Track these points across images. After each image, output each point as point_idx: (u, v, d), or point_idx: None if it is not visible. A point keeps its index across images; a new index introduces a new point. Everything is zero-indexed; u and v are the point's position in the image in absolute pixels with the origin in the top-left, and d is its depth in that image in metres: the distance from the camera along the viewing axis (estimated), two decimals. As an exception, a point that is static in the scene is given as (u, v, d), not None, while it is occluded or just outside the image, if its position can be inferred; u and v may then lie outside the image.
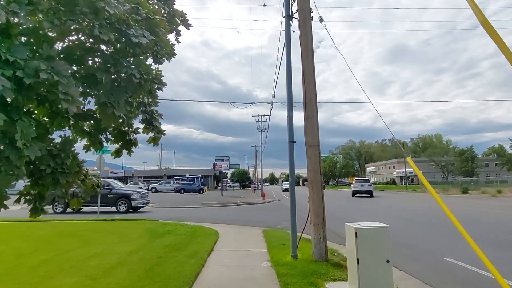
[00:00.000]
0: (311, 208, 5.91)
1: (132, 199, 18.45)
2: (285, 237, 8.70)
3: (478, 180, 50.76)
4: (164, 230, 9.92)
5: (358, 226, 3.97)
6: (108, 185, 18.99)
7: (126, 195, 18.66)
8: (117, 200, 18.50)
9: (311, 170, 5.97)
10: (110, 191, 18.65)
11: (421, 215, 15.67)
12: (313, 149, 6.02)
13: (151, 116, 3.85)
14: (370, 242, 3.87)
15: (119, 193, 18.77)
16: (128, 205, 18.40)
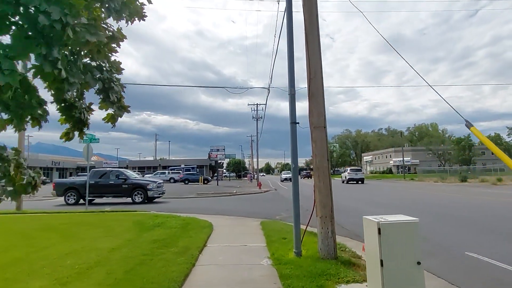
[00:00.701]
0: (317, 199, 5.16)
1: (148, 189, 17.63)
2: (286, 230, 7.98)
3: (475, 168, 50.48)
4: (154, 223, 9.16)
5: (381, 221, 3.22)
6: (122, 175, 18.15)
7: (142, 185, 17.82)
8: (132, 190, 17.68)
9: (317, 155, 5.19)
10: (125, 181, 17.82)
11: (430, 205, 15.06)
12: (319, 131, 5.24)
13: (109, 85, 2.88)
14: (397, 240, 3.13)
15: (134, 183, 17.92)
16: (144, 196, 17.60)
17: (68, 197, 17.79)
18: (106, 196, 18.02)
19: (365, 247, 3.61)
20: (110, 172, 18.76)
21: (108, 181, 17.94)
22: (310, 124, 5.36)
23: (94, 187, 17.65)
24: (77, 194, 17.79)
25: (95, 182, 17.76)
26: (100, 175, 18.42)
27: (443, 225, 9.48)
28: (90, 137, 14.87)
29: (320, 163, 5.17)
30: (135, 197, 17.64)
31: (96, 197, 18.15)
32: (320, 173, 5.15)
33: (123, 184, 17.74)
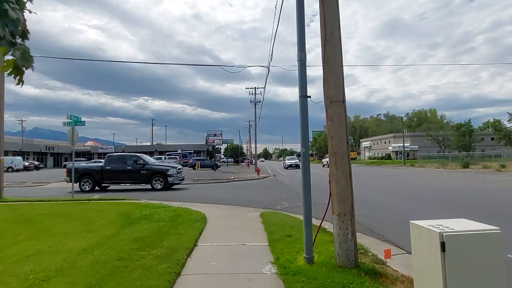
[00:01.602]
0: (333, 191, 4.12)
1: (168, 175, 16.61)
2: (290, 224, 6.99)
3: (473, 154, 49.73)
4: (141, 215, 8.15)
5: (445, 231, 2.18)
6: (140, 160, 17.00)
7: (162, 170, 16.78)
8: (151, 176, 16.64)
9: (333, 137, 4.12)
10: (143, 167, 16.74)
11: (460, 197, 14.13)
12: (337, 106, 4.16)
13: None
14: (472, 261, 2.10)
15: (153, 168, 16.87)
16: (164, 182, 16.60)
17: (83, 184, 16.76)
18: (124, 183, 16.95)
19: (414, 264, 2.58)
20: (128, 157, 17.60)
21: (126, 166, 16.87)
22: (324, 98, 4.27)
23: (110, 173, 16.64)
24: (92, 180, 16.73)
25: (112, 168, 16.73)
26: (117, 160, 17.30)
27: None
28: (75, 119, 13.70)
29: (338, 146, 4.10)
30: (155, 183, 16.58)
31: (113, 183, 17.09)
32: (337, 160, 4.09)
33: (142, 170, 16.69)
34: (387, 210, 9.64)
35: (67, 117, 13.50)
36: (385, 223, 7.83)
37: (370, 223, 7.66)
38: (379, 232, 6.88)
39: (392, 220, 8.18)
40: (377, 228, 7.26)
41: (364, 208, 9.68)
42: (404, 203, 10.92)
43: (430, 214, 8.80)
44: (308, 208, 4.29)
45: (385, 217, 8.52)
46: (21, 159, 45.19)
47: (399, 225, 7.49)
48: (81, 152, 71.30)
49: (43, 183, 25.04)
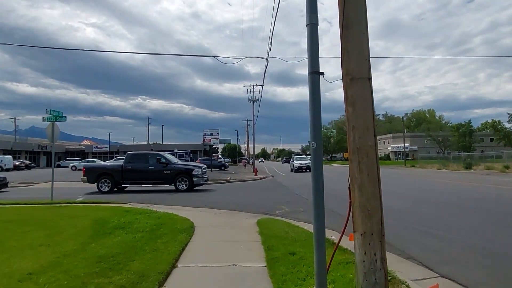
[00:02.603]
0: (355, 201, 3.01)
1: (194, 175, 15.36)
2: (292, 235, 5.87)
3: (473, 155, 48.81)
4: (119, 223, 7.01)
5: None
6: (163, 159, 15.77)
7: (186, 170, 15.55)
8: (175, 176, 15.41)
9: (356, 128, 3.02)
10: (166, 166, 15.51)
11: (472, 200, 13.04)
12: (361, 85, 3.05)
13: None
14: None
15: (177, 168, 15.65)
16: (189, 182, 15.35)
17: (101, 184, 15.54)
18: (145, 183, 15.73)
19: None
20: (149, 156, 16.39)
21: (147, 166, 15.64)
22: (343, 75, 3.16)
23: (130, 172, 15.43)
24: (111, 180, 15.51)
25: (132, 167, 15.49)
26: (138, 159, 16.08)
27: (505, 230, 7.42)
28: (56, 114, 12.52)
29: (362, 140, 2.99)
30: (179, 184, 15.38)
31: (134, 184, 15.86)
32: (361, 158, 2.98)
33: (165, 169, 15.44)
34: (400, 217, 8.53)
35: (46, 111, 12.32)
36: (403, 234, 6.73)
37: (398, 241, 6.53)
38: (398, 246, 5.77)
39: (410, 230, 7.07)
40: (395, 240, 6.15)
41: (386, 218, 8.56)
42: (419, 209, 9.80)
43: (463, 227, 7.70)
44: (321, 226, 3.17)
45: (401, 226, 7.41)
46: (11, 158, 43.83)
47: (421, 237, 6.39)
48: (76, 151, 69.94)
49: (30, 184, 23.83)
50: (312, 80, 3.16)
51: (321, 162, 3.15)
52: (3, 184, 17.46)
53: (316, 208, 3.10)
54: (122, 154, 66.79)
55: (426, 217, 8.54)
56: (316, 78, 3.17)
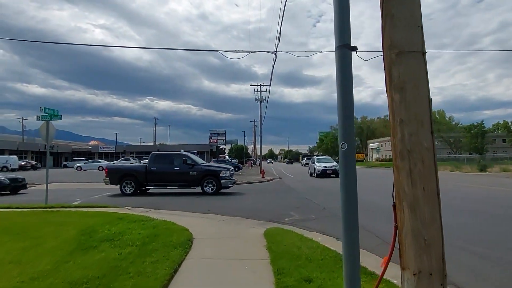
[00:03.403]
0: (405, 226, 2.13)
1: (221, 177, 14.57)
2: (305, 251, 4.98)
3: (486, 156, 47.23)
4: (108, 233, 6.21)
5: None
6: (190, 160, 14.99)
7: (214, 172, 14.78)
8: (202, 178, 14.61)
9: (405, 122, 2.14)
10: (192, 168, 14.71)
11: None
12: (412, 61, 2.17)
13: None
14: None
15: (204, 170, 14.88)
16: (217, 185, 14.55)
17: (124, 186, 14.83)
18: (170, 186, 14.93)
19: None
20: (175, 156, 15.67)
21: (173, 167, 14.90)
22: (384, 49, 2.28)
23: (155, 174, 14.69)
24: (135, 182, 14.78)
25: (157, 169, 14.76)
26: (163, 160, 15.36)
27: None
28: (50, 112, 11.82)
29: (415, 140, 2.11)
30: (206, 186, 14.55)
31: (158, 186, 15.10)
32: (413, 165, 2.10)
33: (191, 171, 14.64)
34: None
35: (40, 109, 11.62)
36: (449, 254, 5.76)
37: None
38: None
39: (457, 250, 5.89)
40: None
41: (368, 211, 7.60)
42: (460, 221, 8.36)
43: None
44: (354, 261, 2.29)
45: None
46: (17, 158, 43.62)
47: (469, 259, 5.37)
48: (82, 152, 69.86)
49: (32, 185, 23.26)
50: (342, 57, 2.28)
51: (354, 169, 2.27)
52: (22, 186, 16.72)
53: (348, 234, 2.23)
54: (129, 154, 66.52)
55: (464, 229, 7.42)
56: (347, 54, 2.30)
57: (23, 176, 17.25)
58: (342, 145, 2.25)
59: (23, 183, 16.78)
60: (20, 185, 16.50)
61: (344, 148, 2.24)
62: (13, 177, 16.42)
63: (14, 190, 16.13)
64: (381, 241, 6.26)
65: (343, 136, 2.24)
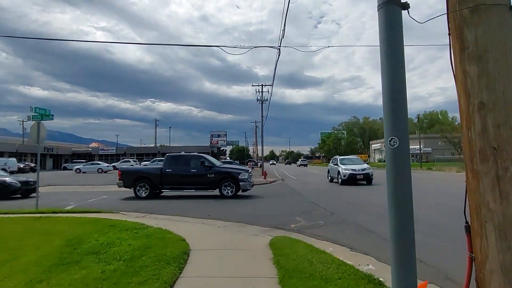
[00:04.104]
0: (489, 258, 1.44)
1: (240, 179, 13.85)
2: (319, 269, 4.29)
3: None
4: (95, 244, 5.55)
5: None
6: (207, 162, 14.30)
7: (232, 174, 14.08)
8: (220, 181, 13.90)
9: (487, 107, 1.47)
10: (210, 170, 14.02)
11: None
12: (495, 19, 1.49)
13: None
14: None
15: (222, 172, 14.19)
16: (236, 187, 13.84)
17: (138, 189, 14.11)
18: (187, 189, 14.19)
19: None
20: (191, 158, 14.99)
21: (189, 169, 14.20)
22: (450, 4, 1.59)
23: (171, 176, 14.02)
24: (150, 185, 14.06)
25: (173, 171, 14.07)
26: (179, 161, 14.67)
27: None
28: (42, 112, 11.19)
29: (504, 132, 1.43)
30: (224, 189, 13.84)
31: (174, 189, 14.37)
32: (503, 170, 1.41)
33: (208, 173, 13.93)
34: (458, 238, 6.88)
35: (30, 109, 10.99)
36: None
37: (446, 266, 4.90)
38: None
39: None
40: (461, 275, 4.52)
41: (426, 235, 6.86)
42: None
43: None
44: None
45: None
46: (15, 160, 43.05)
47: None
48: (82, 154, 69.30)
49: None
50: (388, 18, 1.61)
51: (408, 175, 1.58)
52: (33, 189, 15.97)
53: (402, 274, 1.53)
54: (129, 156, 65.87)
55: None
56: (396, 14, 1.61)
57: (34, 180, 16.47)
58: (391, 141, 1.58)
59: (34, 186, 16.03)
60: (32, 188, 15.74)
61: (394, 146, 1.57)
62: (24, 180, 15.64)
63: (25, 194, 15.36)
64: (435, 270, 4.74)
65: (392, 129, 1.57)
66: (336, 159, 22.21)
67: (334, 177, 21.30)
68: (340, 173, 19.84)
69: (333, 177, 21.59)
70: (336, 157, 22.84)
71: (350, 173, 19.14)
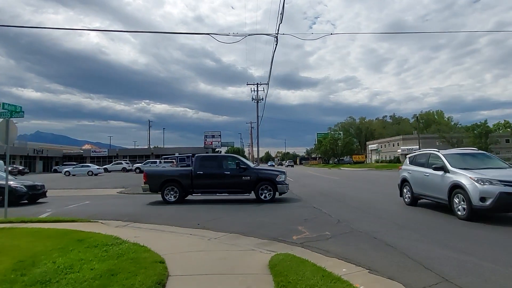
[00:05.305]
0: None
1: (278, 182, 12.73)
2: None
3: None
4: (49, 269, 4.39)
5: None
6: (242, 163, 13.16)
7: (269, 176, 12.95)
8: (256, 184, 12.71)
9: None
10: (245, 171, 12.84)
11: None
12: None
13: None
14: None
15: (258, 174, 13.00)
16: (274, 191, 12.69)
17: (166, 193, 12.87)
18: (220, 192, 12.99)
19: None
20: (224, 159, 13.94)
21: (223, 171, 13.04)
22: None
23: (202, 179, 12.83)
24: (179, 188, 12.82)
25: (205, 173, 12.87)
26: (211, 162, 13.53)
27: None
28: (11, 108, 9.97)
29: None
30: (262, 193, 12.67)
31: (206, 193, 13.16)
32: None
33: (243, 175, 12.77)
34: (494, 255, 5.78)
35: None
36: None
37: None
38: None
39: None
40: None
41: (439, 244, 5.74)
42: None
43: None
44: None
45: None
46: (3, 163, 41.45)
47: None
48: (74, 156, 67.69)
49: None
50: None
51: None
52: (42, 193, 14.57)
53: None
54: (122, 158, 64.36)
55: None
56: None
57: (42, 183, 15.07)
58: None
59: (42, 191, 14.63)
60: (39, 193, 14.39)
61: None
62: (30, 184, 14.14)
63: (32, 199, 14.01)
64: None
65: None
66: (434, 156, 9.93)
67: (433, 195, 9.61)
68: (466, 191, 7.95)
69: (427, 195, 9.94)
70: (431, 151, 10.36)
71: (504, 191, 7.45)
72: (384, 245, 6.01)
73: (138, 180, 28.86)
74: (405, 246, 5.86)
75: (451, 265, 4.83)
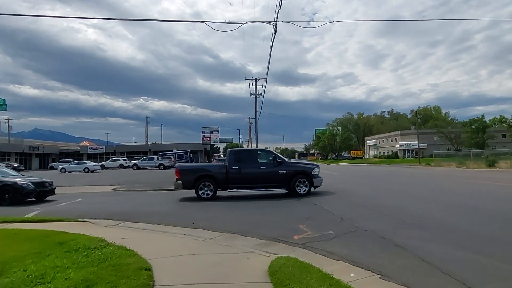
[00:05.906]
0: None
1: (313, 175, 12.38)
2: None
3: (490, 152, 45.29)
4: (20, 277, 3.86)
5: None
6: (278, 158, 12.76)
7: (305, 170, 12.57)
8: (292, 178, 12.28)
9: None
10: (280, 165, 12.44)
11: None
12: None
13: None
14: None
15: (294, 168, 12.61)
16: (310, 185, 12.35)
17: (200, 189, 12.26)
18: (255, 187, 12.41)
19: None
20: (259, 153, 13.47)
21: (258, 166, 12.60)
22: None
23: (238, 174, 12.37)
24: (213, 184, 12.27)
25: (239, 168, 12.38)
26: (245, 157, 12.97)
27: None
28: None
29: None
30: (298, 187, 12.27)
31: (241, 188, 12.55)
32: None
33: (279, 169, 12.35)
34: (493, 247, 5.28)
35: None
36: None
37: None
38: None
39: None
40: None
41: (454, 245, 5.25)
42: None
43: None
44: None
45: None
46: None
47: None
48: (71, 153, 66.94)
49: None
50: None
51: None
52: (50, 191, 13.86)
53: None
54: (119, 154, 63.66)
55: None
56: None
57: (50, 180, 14.35)
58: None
59: (51, 188, 13.90)
60: (47, 191, 13.67)
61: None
62: (38, 181, 13.36)
63: (41, 197, 13.26)
64: None
65: None
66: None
67: None
68: None
69: None
70: None
71: None
72: (394, 246, 5.50)
73: (134, 176, 28.33)
74: (417, 246, 5.36)
75: (472, 269, 4.32)
